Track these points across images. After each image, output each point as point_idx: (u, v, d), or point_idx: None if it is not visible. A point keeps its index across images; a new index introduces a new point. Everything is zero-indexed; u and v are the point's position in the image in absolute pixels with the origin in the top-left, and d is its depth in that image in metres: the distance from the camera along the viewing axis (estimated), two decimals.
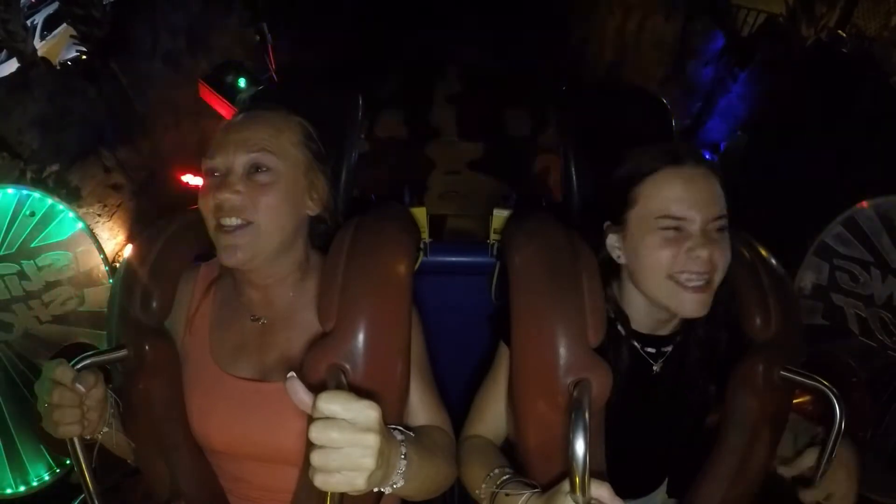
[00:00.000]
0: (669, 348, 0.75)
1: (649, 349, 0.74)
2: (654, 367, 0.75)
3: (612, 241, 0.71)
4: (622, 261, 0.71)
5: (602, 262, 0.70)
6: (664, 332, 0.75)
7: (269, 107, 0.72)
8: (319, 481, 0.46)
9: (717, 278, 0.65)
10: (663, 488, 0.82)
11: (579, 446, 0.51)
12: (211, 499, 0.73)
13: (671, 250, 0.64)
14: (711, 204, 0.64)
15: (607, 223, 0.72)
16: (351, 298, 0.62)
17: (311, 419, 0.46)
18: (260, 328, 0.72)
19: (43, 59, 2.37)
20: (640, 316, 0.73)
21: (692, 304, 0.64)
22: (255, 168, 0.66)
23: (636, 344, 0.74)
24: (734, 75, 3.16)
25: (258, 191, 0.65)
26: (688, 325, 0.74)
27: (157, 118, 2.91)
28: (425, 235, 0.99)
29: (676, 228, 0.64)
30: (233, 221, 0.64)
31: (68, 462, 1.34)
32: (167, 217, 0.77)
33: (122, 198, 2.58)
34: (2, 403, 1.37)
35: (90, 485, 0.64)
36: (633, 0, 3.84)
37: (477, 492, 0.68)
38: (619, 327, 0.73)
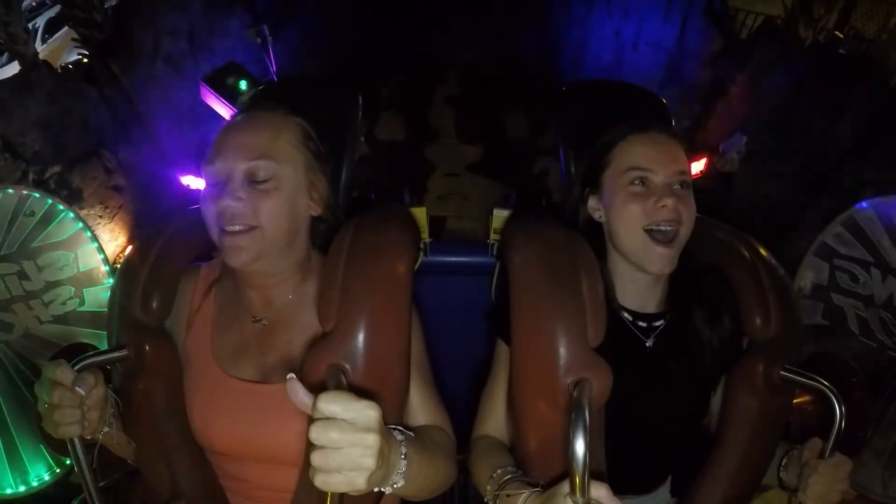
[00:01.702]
0: (660, 324, 0.77)
1: (640, 323, 0.76)
2: (647, 343, 0.76)
3: (591, 203, 0.78)
4: (602, 219, 0.77)
5: (584, 225, 0.77)
6: (651, 308, 0.77)
7: (268, 107, 0.72)
8: (319, 481, 0.46)
9: (683, 233, 0.72)
10: (666, 487, 0.82)
11: (579, 446, 0.50)
12: (211, 499, 0.73)
13: (640, 204, 0.71)
14: (673, 160, 0.72)
15: (587, 189, 0.78)
16: (351, 298, 0.62)
17: (311, 420, 0.46)
18: (261, 329, 0.72)
19: (44, 61, 2.38)
20: (626, 290, 0.76)
21: (660, 260, 0.71)
22: (255, 175, 0.66)
23: (627, 317, 0.76)
24: (732, 77, 3.17)
25: (259, 197, 0.65)
26: (673, 302, 0.77)
27: (159, 120, 2.91)
28: (425, 235, 0.99)
29: (643, 181, 0.72)
30: (236, 227, 0.65)
31: (68, 462, 1.34)
32: (167, 218, 0.77)
33: (124, 199, 2.59)
34: (2, 403, 1.37)
35: (90, 485, 0.64)
36: (632, 2, 3.85)
37: (486, 495, 0.68)
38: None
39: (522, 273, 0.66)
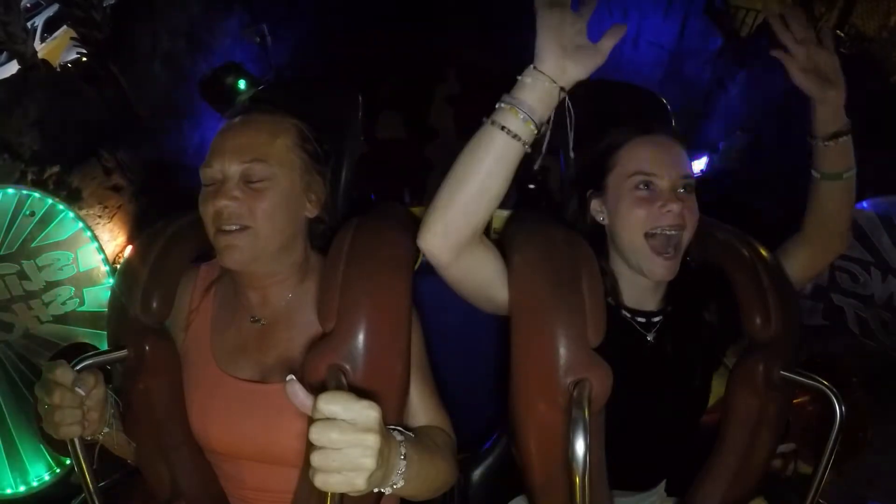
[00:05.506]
0: (659, 318, 0.78)
1: (640, 319, 0.77)
2: (648, 337, 0.77)
3: (595, 205, 0.78)
4: (605, 222, 0.77)
5: (590, 229, 0.77)
6: (650, 306, 0.78)
7: (265, 109, 0.72)
8: (319, 482, 0.46)
9: (686, 238, 0.73)
10: (663, 486, 0.82)
11: (579, 446, 0.51)
12: (211, 499, 0.73)
13: (645, 209, 0.72)
14: (678, 164, 0.73)
15: (590, 191, 0.78)
16: (351, 299, 0.62)
17: (311, 420, 0.46)
18: (259, 329, 0.72)
19: (43, 60, 2.38)
20: (626, 291, 0.77)
21: (662, 269, 0.72)
22: (250, 177, 0.66)
23: (626, 314, 0.77)
24: (732, 75, 3.17)
25: (254, 197, 0.65)
26: (672, 299, 0.78)
27: (157, 120, 2.91)
28: None
29: (648, 185, 0.72)
30: (232, 227, 0.65)
31: (68, 462, 1.35)
32: (167, 218, 0.77)
33: (123, 199, 2.59)
34: (2, 403, 1.37)
35: (90, 485, 0.64)
36: (632, 0, 3.84)
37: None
38: (609, 299, 0.76)
39: (522, 273, 0.66)
